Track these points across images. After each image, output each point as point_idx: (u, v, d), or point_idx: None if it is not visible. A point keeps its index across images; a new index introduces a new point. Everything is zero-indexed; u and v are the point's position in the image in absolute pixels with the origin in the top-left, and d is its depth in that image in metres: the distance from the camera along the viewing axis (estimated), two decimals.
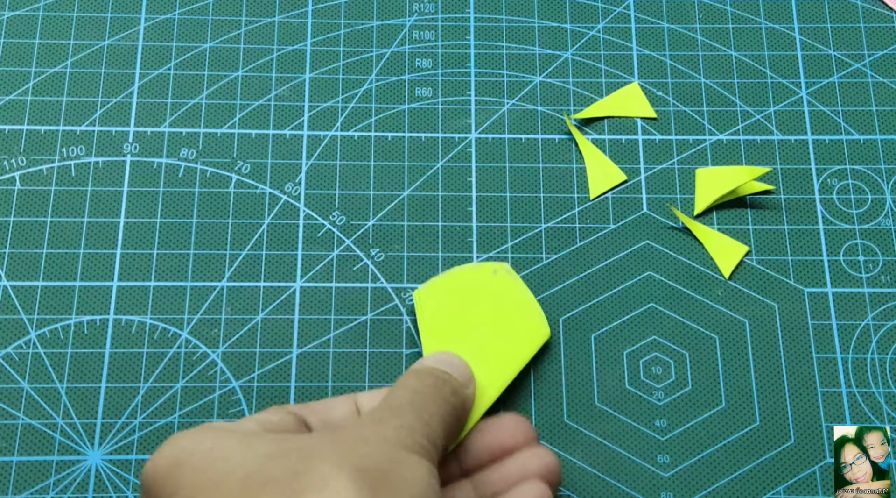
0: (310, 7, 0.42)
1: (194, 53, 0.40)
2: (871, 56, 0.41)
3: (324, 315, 0.36)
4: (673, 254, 0.38)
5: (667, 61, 0.41)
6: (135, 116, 0.39)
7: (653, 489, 0.34)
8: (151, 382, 0.35)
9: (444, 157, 0.39)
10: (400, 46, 0.41)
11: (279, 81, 0.40)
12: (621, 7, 0.42)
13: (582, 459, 0.34)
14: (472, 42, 0.41)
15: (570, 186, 0.39)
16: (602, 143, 0.40)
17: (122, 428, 0.34)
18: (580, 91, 0.41)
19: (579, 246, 0.38)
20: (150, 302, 0.36)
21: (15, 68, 0.40)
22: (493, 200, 0.38)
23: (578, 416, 0.35)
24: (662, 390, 0.35)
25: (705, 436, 0.35)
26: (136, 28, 0.41)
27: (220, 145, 0.39)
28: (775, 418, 0.35)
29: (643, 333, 0.36)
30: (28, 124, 0.39)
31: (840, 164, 0.39)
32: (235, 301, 0.36)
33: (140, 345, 0.35)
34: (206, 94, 0.40)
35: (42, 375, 0.35)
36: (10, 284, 0.36)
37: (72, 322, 0.36)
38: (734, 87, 0.41)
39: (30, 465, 0.33)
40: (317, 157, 0.39)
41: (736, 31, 0.42)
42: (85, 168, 0.38)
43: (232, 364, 0.35)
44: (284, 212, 0.38)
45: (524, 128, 0.40)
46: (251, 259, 0.37)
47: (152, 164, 0.38)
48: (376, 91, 0.40)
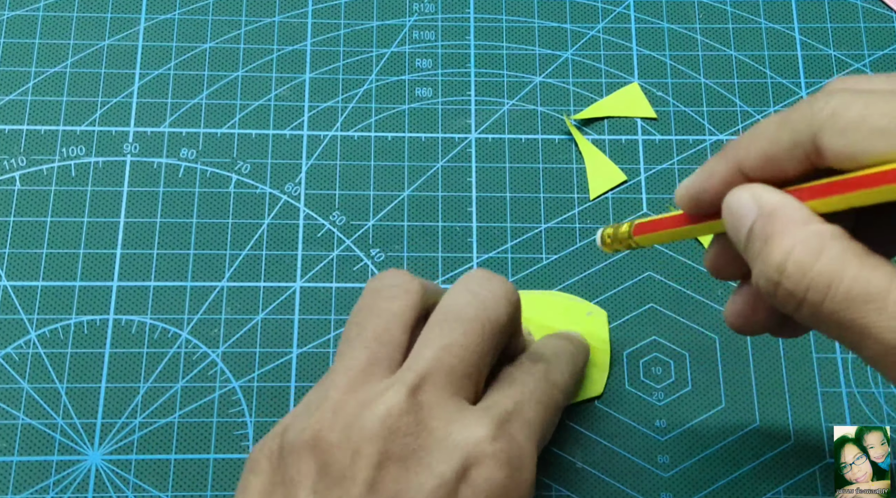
0: (310, 7, 0.42)
1: (194, 53, 0.40)
2: (871, 56, 0.41)
3: (324, 315, 0.36)
4: (673, 254, 0.38)
5: (667, 61, 0.41)
6: (135, 116, 0.39)
7: (653, 489, 0.34)
8: (151, 382, 0.35)
9: (444, 158, 0.39)
10: (400, 46, 0.41)
11: (279, 81, 0.40)
12: (621, 7, 0.42)
13: (582, 459, 0.34)
14: (472, 42, 0.41)
15: (570, 186, 0.39)
16: (602, 143, 0.40)
17: (122, 428, 0.34)
18: (580, 91, 0.41)
19: (579, 246, 0.38)
20: (150, 302, 0.36)
21: (15, 68, 0.40)
22: (493, 200, 0.38)
23: (578, 416, 0.35)
24: (662, 390, 0.35)
25: (705, 436, 0.35)
26: (136, 28, 0.41)
27: (220, 145, 0.39)
28: (775, 418, 0.35)
29: (643, 333, 0.36)
30: (28, 124, 0.39)
31: None
32: (235, 301, 0.36)
33: (140, 345, 0.35)
34: (206, 94, 0.40)
35: (42, 375, 0.35)
36: (10, 284, 0.36)
37: (72, 322, 0.36)
38: (734, 87, 0.41)
39: (30, 465, 0.33)
40: (317, 158, 0.39)
41: (736, 31, 0.42)
42: (85, 168, 0.38)
43: (232, 364, 0.35)
44: (284, 212, 0.38)
45: (524, 128, 0.40)
46: (251, 259, 0.37)
47: (152, 164, 0.38)
48: (376, 91, 0.40)
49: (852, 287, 0.21)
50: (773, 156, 0.24)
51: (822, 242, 0.22)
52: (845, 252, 0.22)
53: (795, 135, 0.23)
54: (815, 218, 0.23)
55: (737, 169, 0.25)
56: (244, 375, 0.35)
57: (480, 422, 0.26)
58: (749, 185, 0.24)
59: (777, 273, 0.22)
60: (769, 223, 0.23)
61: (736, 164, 0.25)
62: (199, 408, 0.35)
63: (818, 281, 0.22)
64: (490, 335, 0.28)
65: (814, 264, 0.22)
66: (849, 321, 0.21)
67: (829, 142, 0.22)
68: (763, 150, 0.24)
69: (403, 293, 0.29)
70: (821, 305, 0.22)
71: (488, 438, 0.26)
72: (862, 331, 0.21)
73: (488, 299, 0.28)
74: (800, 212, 0.23)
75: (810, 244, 0.22)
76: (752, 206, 0.24)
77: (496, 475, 0.25)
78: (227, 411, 0.35)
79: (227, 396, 0.35)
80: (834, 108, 0.22)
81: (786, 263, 0.22)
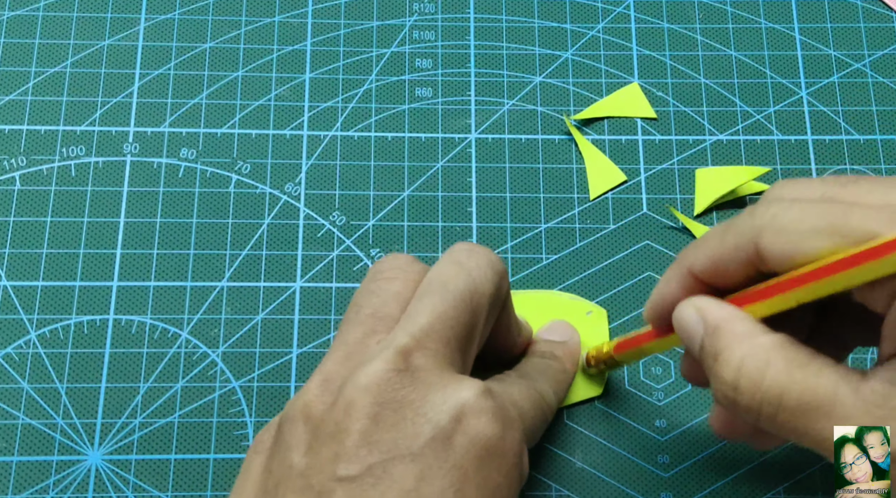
0: (310, 7, 0.42)
1: (194, 53, 0.40)
2: (871, 56, 0.41)
3: (324, 315, 0.36)
4: (673, 254, 0.38)
5: (667, 61, 0.41)
6: (135, 116, 0.39)
7: (653, 489, 0.34)
8: (151, 382, 0.35)
9: (444, 158, 0.39)
10: (400, 46, 0.41)
11: (279, 81, 0.40)
12: (621, 7, 0.42)
13: (582, 459, 0.34)
14: (472, 42, 0.41)
15: (570, 187, 0.39)
16: (602, 143, 0.40)
17: (122, 428, 0.34)
18: (580, 91, 0.41)
19: (579, 246, 0.38)
20: (150, 302, 0.36)
21: (15, 68, 0.40)
22: (493, 201, 0.38)
23: (578, 416, 0.35)
24: (662, 390, 0.35)
25: (705, 436, 0.35)
26: (136, 28, 0.41)
27: (220, 145, 0.39)
28: None
29: None
30: (28, 124, 0.39)
31: (840, 164, 0.39)
32: (235, 301, 0.36)
33: (140, 345, 0.35)
34: (206, 94, 0.40)
35: (42, 375, 0.35)
36: (10, 283, 0.36)
37: (72, 322, 0.36)
38: (734, 87, 0.41)
39: (30, 465, 0.33)
40: (317, 158, 0.39)
41: (736, 31, 0.42)
42: (85, 168, 0.38)
43: (232, 364, 0.35)
44: (284, 212, 0.38)
45: (524, 128, 0.40)
46: (251, 259, 0.37)
47: (152, 164, 0.38)
48: (376, 91, 0.40)
49: (800, 397, 0.22)
50: (719, 259, 0.25)
51: (767, 355, 0.23)
52: (790, 363, 0.23)
53: (738, 238, 0.24)
54: (760, 329, 0.24)
55: (689, 274, 0.26)
56: (244, 375, 0.35)
57: (474, 384, 0.26)
58: (694, 299, 0.26)
59: (732, 391, 0.24)
60: (716, 340, 0.24)
61: (688, 269, 0.26)
62: (199, 408, 0.35)
63: (769, 395, 0.23)
64: (479, 306, 0.28)
65: (763, 380, 0.23)
66: (801, 429, 0.23)
67: (768, 244, 0.23)
68: (709, 254, 0.26)
69: (402, 274, 0.29)
70: (775, 417, 0.23)
71: (481, 396, 0.26)
72: (816, 437, 0.22)
73: (474, 269, 0.28)
74: (743, 324, 0.24)
75: (758, 358, 0.23)
76: (697, 322, 0.25)
77: (489, 428, 0.25)
78: (227, 411, 0.35)
79: (227, 396, 0.35)
80: (774, 213, 0.24)
81: (738, 381, 0.23)
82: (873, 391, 0.22)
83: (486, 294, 0.28)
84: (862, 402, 0.22)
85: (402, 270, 0.29)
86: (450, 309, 0.27)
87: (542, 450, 0.34)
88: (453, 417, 0.25)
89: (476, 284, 0.28)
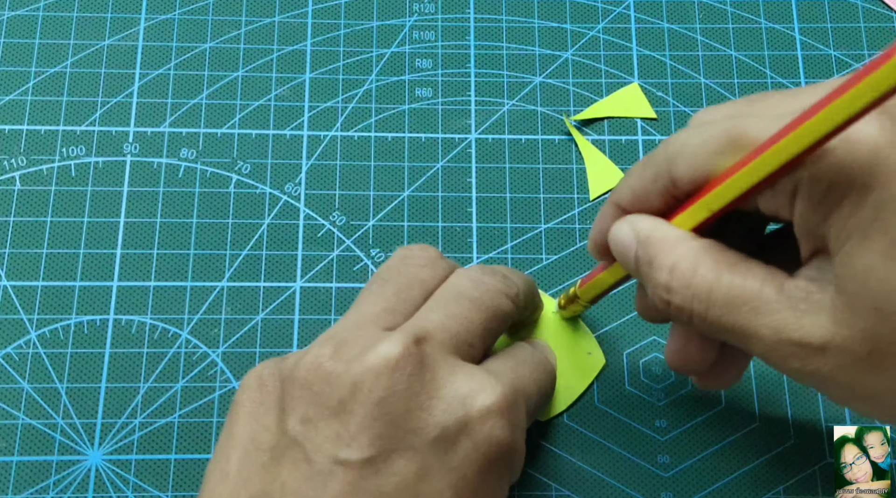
0: (310, 7, 0.42)
1: (194, 53, 0.40)
2: (871, 56, 0.41)
3: (324, 315, 0.36)
4: None
5: (667, 61, 0.41)
6: (135, 116, 0.39)
7: (653, 489, 0.34)
8: (151, 382, 0.35)
9: (444, 158, 0.39)
10: (400, 47, 0.41)
11: (279, 81, 0.40)
12: (621, 7, 0.42)
13: (582, 459, 0.34)
14: (472, 42, 0.41)
15: (570, 187, 0.39)
16: (602, 143, 0.40)
17: (122, 428, 0.34)
18: (580, 91, 0.41)
19: (579, 246, 0.38)
20: (150, 302, 0.36)
21: (15, 68, 0.40)
22: (493, 201, 0.38)
23: (578, 416, 0.35)
24: (662, 390, 0.36)
25: (705, 436, 0.35)
26: (136, 28, 0.41)
27: (220, 145, 0.39)
28: (775, 418, 0.35)
29: (643, 333, 0.36)
30: (28, 124, 0.39)
31: None
32: (235, 301, 0.36)
33: (140, 345, 0.35)
34: (206, 94, 0.40)
35: (42, 375, 0.35)
36: (10, 283, 0.36)
37: (72, 322, 0.36)
38: (734, 87, 0.41)
39: (30, 465, 0.33)
40: (317, 158, 0.39)
41: (736, 31, 0.42)
42: (85, 168, 0.38)
43: (232, 364, 0.35)
44: (284, 212, 0.38)
45: (524, 128, 0.40)
46: (251, 259, 0.37)
47: (152, 164, 0.38)
48: (376, 91, 0.40)
49: (728, 293, 0.23)
50: (641, 191, 0.26)
51: (696, 256, 0.24)
52: (718, 262, 0.24)
53: (655, 168, 0.25)
54: (689, 235, 0.25)
55: (617, 208, 0.27)
56: (244, 374, 0.35)
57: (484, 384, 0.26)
58: (626, 217, 0.27)
59: (665, 292, 0.24)
60: (649, 247, 0.25)
61: (616, 204, 0.27)
62: (199, 408, 0.35)
63: (699, 290, 0.24)
64: (493, 317, 0.29)
65: (692, 277, 0.24)
66: (731, 325, 0.23)
67: (679, 170, 0.24)
68: (632, 187, 0.26)
69: (432, 265, 0.30)
70: (706, 314, 0.24)
71: (493, 395, 0.26)
72: (744, 332, 0.23)
73: (491, 287, 0.29)
74: (673, 231, 0.25)
75: (688, 260, 0.24)
76: (630, 235, 0.26)
77: (499, 433, 0.26)
78: (227, 412, 0.34)
79: (227, 397, 0.35)
80: (683, 140, 0.24)
81: (671, 282, 0.24)
82: (797, 287, 0.22)
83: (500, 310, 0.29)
84: (786, 297, 0.22)
85: (431, 261, 0.30)
86: (465, 311, 0.28)
87: (542, 450, 0.34)
88: (460, 418, 0.25)
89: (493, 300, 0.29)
